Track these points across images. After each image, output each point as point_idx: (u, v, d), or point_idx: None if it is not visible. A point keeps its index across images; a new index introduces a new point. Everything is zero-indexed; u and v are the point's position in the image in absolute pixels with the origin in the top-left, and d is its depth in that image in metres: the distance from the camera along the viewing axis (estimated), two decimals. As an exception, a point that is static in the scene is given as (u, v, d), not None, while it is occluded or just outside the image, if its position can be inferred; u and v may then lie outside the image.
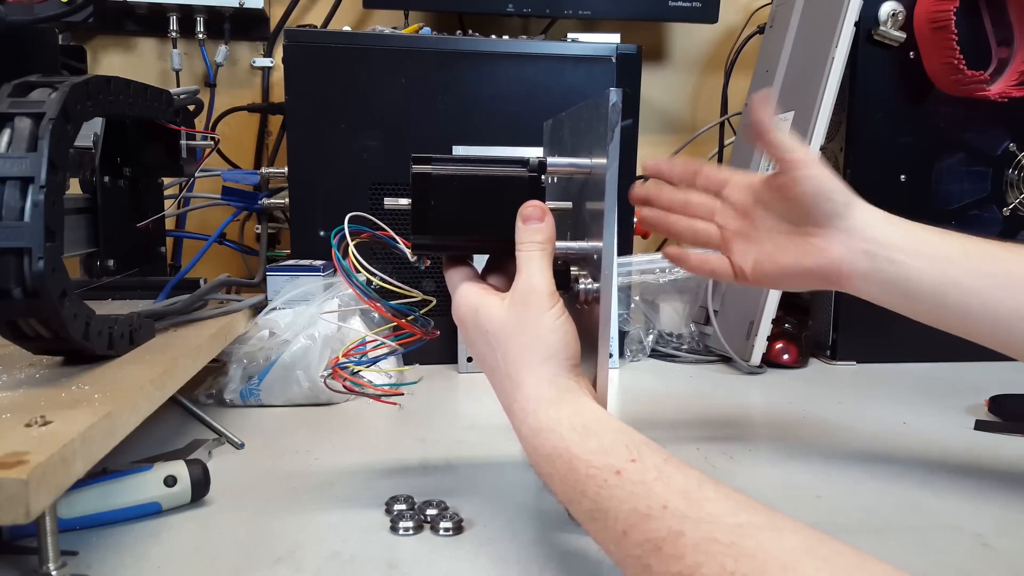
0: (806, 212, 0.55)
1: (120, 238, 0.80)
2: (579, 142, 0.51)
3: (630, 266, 0.97)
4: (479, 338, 0.47)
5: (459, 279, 0.49)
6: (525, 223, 0.47)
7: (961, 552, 0.48)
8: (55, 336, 0.49)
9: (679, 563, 0.32)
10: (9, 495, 0.34)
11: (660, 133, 1.32)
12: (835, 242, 0.54)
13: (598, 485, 0.37)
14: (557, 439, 0.41)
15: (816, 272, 0.55)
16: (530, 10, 1.11)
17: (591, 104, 0.47)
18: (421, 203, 0.48)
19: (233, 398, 0.74)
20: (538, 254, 0.46)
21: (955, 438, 0.69)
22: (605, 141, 0.44)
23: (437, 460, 0.62)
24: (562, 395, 0.43)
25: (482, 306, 0.47)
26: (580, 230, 0.50)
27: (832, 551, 0.31)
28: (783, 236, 0.57)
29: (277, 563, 0.45)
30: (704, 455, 0.64)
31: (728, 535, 0.32)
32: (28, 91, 0.50)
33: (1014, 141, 0.97)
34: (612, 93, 0.43)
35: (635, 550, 0.35)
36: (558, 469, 0.40)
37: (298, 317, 0.75)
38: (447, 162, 0.48)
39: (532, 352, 0.44)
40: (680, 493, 0.35)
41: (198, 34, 1.13)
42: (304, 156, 0.90)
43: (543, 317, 0.44)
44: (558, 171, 0.50)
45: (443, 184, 0.48)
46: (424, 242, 0.49)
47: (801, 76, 0.98)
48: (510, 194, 0.48)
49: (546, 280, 0.45)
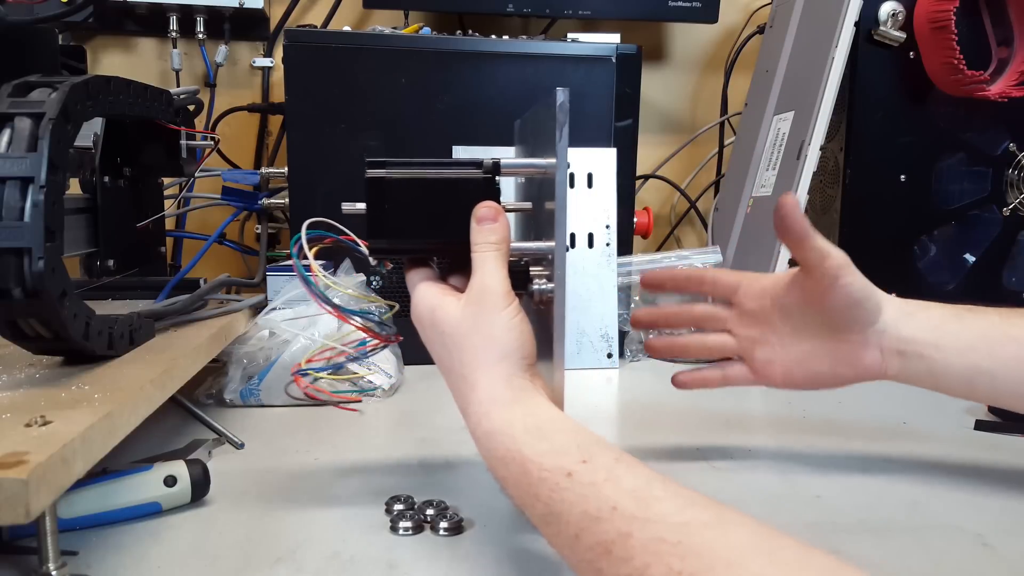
0: (841, 320, 0.53)
1: (120, 238, 0.80)
2: (537, 142, 0.51)
3: (630, 266, 0.96)
4: (435, 339, 0.47)
5: (418, 280, 0.49)
6: (479, 224, 0.47)
7: (961, 552, 0.48)
8: (55, 336, 0.49)
9: (628, 565, 0.32)
10: (9, 495, 0.34)
11: (660, 133, 1.32)
12: (869, 348, 0.53)
13: (550, 488, 0.37)
14: (510, 442, 0.40)
15: (851, 377, 0.55)
16: (530, 10, 1.11)
17: (544, 104, 0.47)
18: (376, 207, 0.48)
19: (233, 398, 0.74)
20: (492, 254, 0.46)
21: (955, 438, 0.69)
22: (554, 140, 0.45)
23: (437, 460, 0.62)
24: (516, 395, 0.43)
25: (439, 307, 0.46)
26: (540, 230, 0.50)
27: (778, 546, 0.31)
28: (810, 342, 0.55)
29: (277, 563, 0.45)
30: (704, 455, 0.64)
31: (675, 534, 0.32)
32: (28, 91, 0.50)
33: (1014, 141, 0.97)
34: (559, 93, 0.44)
35: (587, 553, 0.35)
36: (512, 472, 0.40)
37: (298, 317, 0.75)
38: (402, 165, 0.48)
39: (486, 352, 0.44)
40: (629, 493, 0.35)
41: (198, 34, 1.13)
42: (304, 156, 0.90)
43: (497, 317, 0.44)
44: (514, 172, 0.50)
45: (397, 187, 0.48)
46: (380, 245, 0.49)
47: (801, 76, 0.98)
48: (465, 196, 0.48)
49: (500, 280, 0.45)
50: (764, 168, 1.02)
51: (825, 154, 0.96)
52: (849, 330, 0.53)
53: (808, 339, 0.55)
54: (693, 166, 1.32)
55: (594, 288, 0.92)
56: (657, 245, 1.33)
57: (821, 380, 0.56)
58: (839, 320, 0.53)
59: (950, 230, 0.99)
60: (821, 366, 0.55)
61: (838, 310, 0.53)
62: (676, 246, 1.34)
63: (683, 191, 1.30)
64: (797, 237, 0.51)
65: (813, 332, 0.55)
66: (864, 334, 0.53)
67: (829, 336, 0.54)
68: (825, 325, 0.54)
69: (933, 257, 0.99)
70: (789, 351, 0.56)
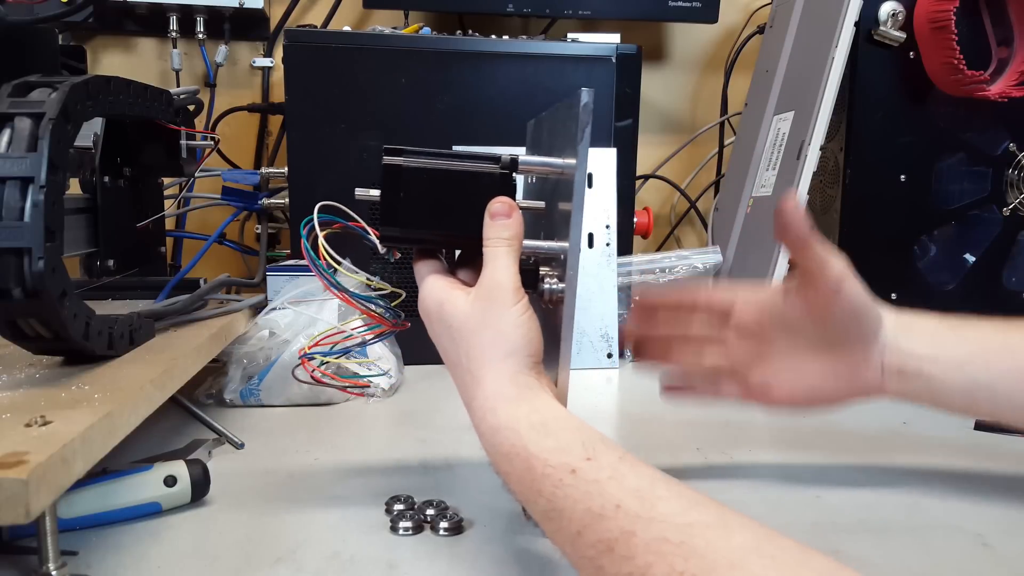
0: (843, 333, 0.52)
1: (120, 238, 0.80)
2: (553, 142, 0.51)
3: (630, 266, 0.96)
4: (443, 332, 0.47)
5: (426, 272, 0.49)
6: (493, 219, 0.46)
7: (961, 552, 0.48)
8: (55, 336, 0.49)
9: (630, 564, 0.32)
10: (9, 495, 0.34)
11: (660, 133, 1.32)
12: (870, 365, 0.52)
13: (553, 484, 0.37)
14: (515, 437, 0.40)
15: (850, 396, 0.54)
16: (530, 10, 1.11)
17: (565, 104, 0.47)
18: (391, 195, 0.48)
19: (233, 398, 0.74)
20: (504, 250, 0.46)
21: (955, 438, 0.69)
22: (575, 141, 0.44)
23: (437, 460, 0.62)
24: (521, 392, 0.43)
25: (447, 300, 0.46)
26: (552, 230, 0.50)
27: (779, 548, 0.31)
28: (811, 359, 0.53)
29: (277, 563, 0.45)
30: (704, 455, 0.64)
31: (678, 535, 0.32)
32: (28, 91, 0.50)
33: (1014, 141, 0.96)
34: (584, 93, 0.43)
35: (588, 551, 0.35)
36: (515, 468, 0.40)
37: (298, 317, 0.76)
38: (419, 155, 0.48)
39: (494, 348, 0.44)
40: (633, 492, 0.35)
41: (198, 34, 1.13)
42: (304, 156, 0.90)
43: (506, 313, 0.44)
44: (530, 170, 0.50)
45: (414, 177, 0.48)
46: (392, 234, 0.49)
47: (801, 76, 0.98)
48: (481, 190, 0.48)
49: (511, 276, 0.45)
50: (764, 168, 1.02)
51: (825, 154, 0.96)
52: (851, 345, 0.52)
53: (808, 355, 0.53)
54: (693, 166, 1.32)
55: (594, 288, 0.92)
56: (657, 245, 1.33)
57: (820, 398, 0.54)
58: (841, 332, 0.52)
59: (950, 230, 0.99)
60: (822, 384, 0.53)
61: (840, 321, 0.51)
62: (676, 246, 1.34)
63: (683, 191, 1.30)
64: (798, 240, 0.50)
65: (814, 348, 0.53)
66: (865, 350, 0.52)
67: (830, 352, 0.52)
68: (826, 340, 0.52)
69: (933, 257, 0.99)
70: (788, 368, 0.54)
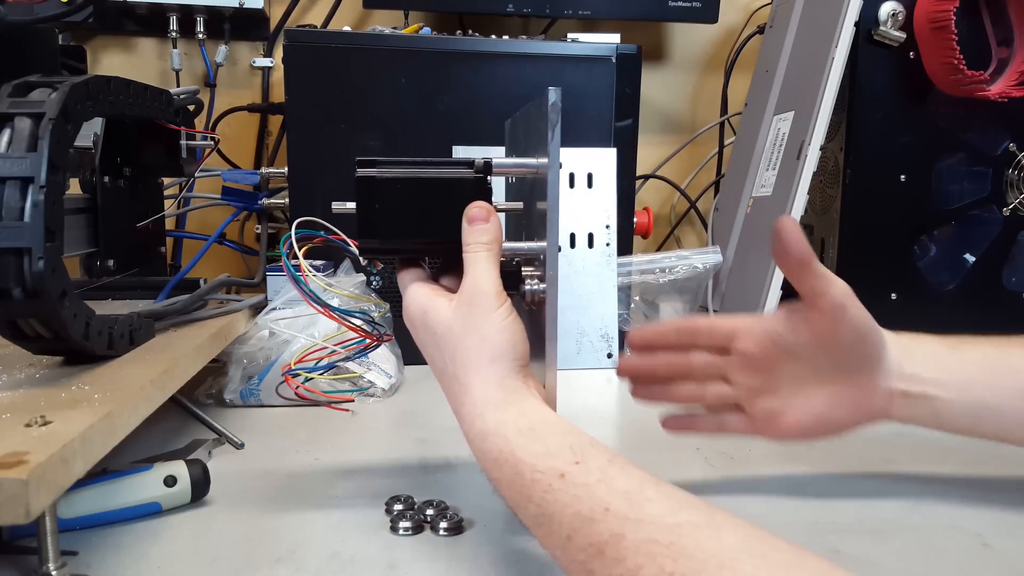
0: (850, 357, 0.51)
1: (120, 238, 0.80)
2: (528, 142, 0.51)
3: (630, 266, 0.96)
4: (428, 340, 0.47)
5: (409, 280, 0.49)
6: (470, 224, 0.46)
7: (961, 552, 0.48)
8: (55, 336, 0.49)
9: (620, 566, 0.32)
10: (9, 495, 0.34)
11: (660, 133, 1.32)
12: (876, 387, 0.51)
13: (543, 489, 0.37)
14: (503, 443, 0.40)
15: (858, 422, 0.53)
16: (530, 10, 1.11)
17: (535, 104, 0.47)
18: (367, 206, 0.48)
19: (233, 398, 0.74)
20: (484, 255, 0.45)
21: (955, 438, 0.69)
22: (546, 140, 0.44)
23: (437, 460, 0.62)
24: (509, 397, 0.43)
25: (431, 308, 0.46)
26: (531, 230, 0.50)
27: (770, 547, 0.31)
28: (816, 384, 0.51)
29: (277, 563, 0.45)
30: (704, 455, 0.64)
31: (667, 535, 0.32)
32: (28, 91, 0.50)
33: (1014, 141, 0.96)
34: (551, 92, 0.43)
35: (579, 555, 0.35)
36: (505, 474, 0.40)
37: (298, 317, 0.75)
38: (393, 164, 0.48)
39: (479, 353, 0.43)
40: (622, 494, 0.35)
41: (198, 34, 1.13)
42: (304, 156, 0.90)
43: (489, 318, 0.44)
44: (505, 171, 0.50)
45: (388, 187, 0.48)
46: (371, 246, 0.49)
47: (801, 76, 0.98)
48: (456, 196, 0.48)
49: (492, 280, 0.45)
50: (764, 168, 1.02)
51: (825, 154, 0.96)
52: (857, 370, 0.51)
53: (814, 383, 0.51)
54: (693, 166, 1.32)
55: (594, 288, 0.92)
56: (657, 245, 1.33)
57: (829, 426, 0.52)
58: (846, 357, 0.51)
59: (950, 230, 0.99)
60: (830, 411, 0.52)
61: (845, 345, 0.50)
62: (676, 246, 1.34)
63: (683, 191, 1.30)
64: (798, 264, 0.48)
65: (820, 374, 0.51)
66: (871, 375, 0.51)
67: (836, 378, 0.51)
68: (834, 366, 0.51)
69: (933, 257, 0.99)
70: (795, 397, 0.52)
